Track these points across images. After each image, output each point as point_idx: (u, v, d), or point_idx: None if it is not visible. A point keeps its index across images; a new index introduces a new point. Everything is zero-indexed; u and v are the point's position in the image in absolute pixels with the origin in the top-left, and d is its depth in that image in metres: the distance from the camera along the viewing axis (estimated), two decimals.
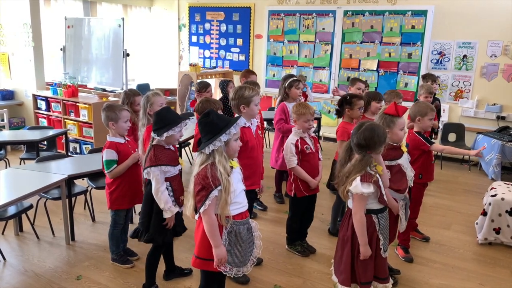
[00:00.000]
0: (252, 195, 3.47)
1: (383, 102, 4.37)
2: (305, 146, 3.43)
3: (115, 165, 3.27)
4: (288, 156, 3.41)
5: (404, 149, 3.03)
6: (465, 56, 6.53)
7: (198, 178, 2.20)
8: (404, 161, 3.00)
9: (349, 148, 2.53)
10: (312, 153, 3.48)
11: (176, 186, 2.90)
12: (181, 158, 3.04)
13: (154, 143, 2.84)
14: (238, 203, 2.31)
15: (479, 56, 6.43)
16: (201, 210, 2.20)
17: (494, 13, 6.21)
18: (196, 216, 2.27)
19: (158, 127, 2.76)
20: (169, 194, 2.85)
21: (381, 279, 2.63)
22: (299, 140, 3.42)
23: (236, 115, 3.22)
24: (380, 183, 2.50)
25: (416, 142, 3.47)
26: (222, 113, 3.63)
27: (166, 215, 2.84)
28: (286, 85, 4.54)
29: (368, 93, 4.24)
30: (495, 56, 6.32)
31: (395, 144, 2.96)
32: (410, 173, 3.04)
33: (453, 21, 6.52)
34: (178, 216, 2.98)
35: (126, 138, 3.42)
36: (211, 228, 2.22)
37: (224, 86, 5.54)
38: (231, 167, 2.29)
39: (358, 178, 2.41)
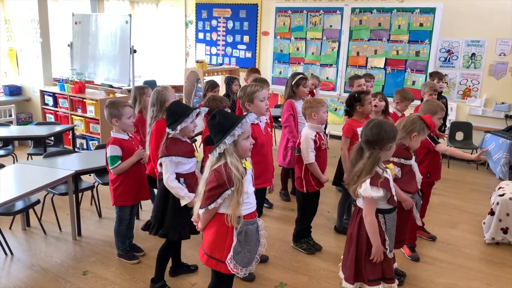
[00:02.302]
0: (262, 194, 3.47)
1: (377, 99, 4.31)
2: (322, 142, 3.43)
3: (120, 161, 3.28)
4: (307, 151, 3.37)
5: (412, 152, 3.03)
6: (473, 54, 6.48)
7: (214, 175, 2.17)
8: (414, 163, 3.00)
9: (360, 148, 2.52)
10: (325, 149, 3.50)
11: (190, 182, 2.89)
12: (197, 151, 3.04)
13: (169, 136, 2.85)
14: (249, 203, 2.31)
15: (487, 54, 6.37)
16: (211, 206, 2.19)
17: (504, 11, 6.14)
18: (201, 211, 2.25)
19: (171, 122, 2.78)
20: None
21: (387, 279, 2.62)
22: (317, 135, 3.41)
23: (244, 113, 3.20)
24: (391, 184, 2.49)
25: (422, 141, 3.45)
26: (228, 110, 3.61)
27: (184, 202, 2.83)
28: (293, 83, 4.50)
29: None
30: (504, 55, 6.26)
31: (407, 145, 2.95)
32: (418, 175, 3.04)
33: (461, 19, 6.47)
34: None
35: (130, 135, 3.43)
36: (206, 220, 2.31)
37: (229, 82, 5.52)
38: (245, 169, 2.26)
39: (368, 181, 2.41)
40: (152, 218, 3.02)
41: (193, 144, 3.40)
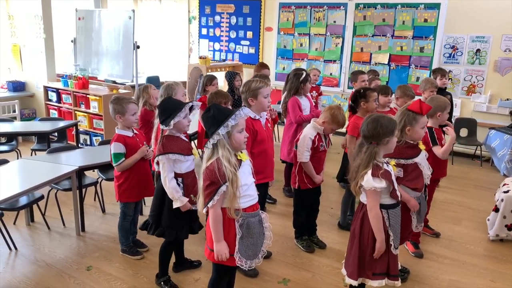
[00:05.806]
0: (265, 189, 3.46)
1: (392, 95, 4.32)
2: (321, 143, 3.40)
3: (123, 159, 3.28)
4: (303, 149, 3.36)
5: (422, 147, 2.99)
6: (478, 50, 6.43)
7: (207, 173, 2.20)
8: (422, 159, 2.95)
9: (361, 144, 2.52)
10: (324, 151, 3.47)
11: (188, 182, 2.88)
12: (195, 149, 3.03)
13: (165, 134, 2.84)
14: (249, 195, 2.31)
15: (492, 50, 6.33)
16: (210, 205, 2.20)
17: (509, 7, 6.09)
18: (204, 210, 2.26)
19: (164, 118, 2.77)
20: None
21: (391, 276, 2.61)
22: (318, 136, 3.39)
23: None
24: (393, 177, 2.48)
25: (424, 137, 3.42)
26: (230, 106, 3.59)
27: (176, 204, 2.82)
28: (302, 80, 4.43)
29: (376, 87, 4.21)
30: (509, 50, 6.22)
31: (412, 142, 2.92)
32: (427, 171, 2.99)
33: (466, 15, 6.42)
34: (194, 213, 2.97)
35: (135, 131, 3.42)
36: (215, 223, 2.25)
37: (231, 78, 5.49)
38: (240, 160, 2.27)
39: (369, 172, 2.41)
40: (149, 217, 3.02)
41: (192, 142, 3.37)
